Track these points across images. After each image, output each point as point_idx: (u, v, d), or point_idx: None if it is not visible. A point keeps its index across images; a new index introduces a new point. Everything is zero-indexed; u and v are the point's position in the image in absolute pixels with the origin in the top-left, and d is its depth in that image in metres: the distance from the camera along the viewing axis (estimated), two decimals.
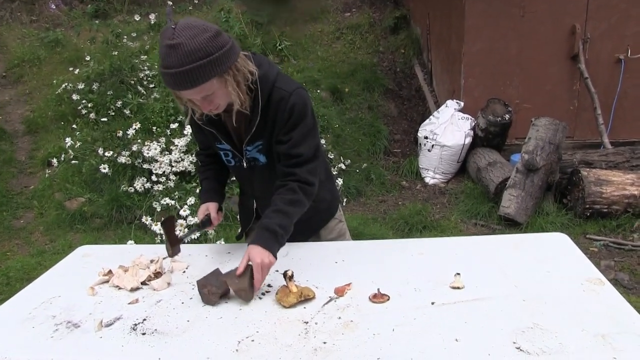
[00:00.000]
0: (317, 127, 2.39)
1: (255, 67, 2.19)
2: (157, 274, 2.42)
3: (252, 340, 1.90)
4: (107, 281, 2.42)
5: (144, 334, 1.99)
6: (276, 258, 2.22)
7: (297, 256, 2.49)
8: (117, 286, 2.37)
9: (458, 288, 2.16)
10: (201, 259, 2.61)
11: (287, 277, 2.17)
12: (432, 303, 2.07)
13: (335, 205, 2.82)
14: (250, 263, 2.15)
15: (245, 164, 2.45)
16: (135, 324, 2.06)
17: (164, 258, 2.55)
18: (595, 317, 1.90)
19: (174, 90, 2.05)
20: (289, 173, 2.33)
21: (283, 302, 2.11)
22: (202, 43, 1.96)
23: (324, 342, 1.87)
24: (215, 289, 2.16)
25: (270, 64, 2.32)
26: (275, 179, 2.39)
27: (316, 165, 2.39)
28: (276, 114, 2.26)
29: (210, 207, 2.55)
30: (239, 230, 2.86)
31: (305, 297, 2.12)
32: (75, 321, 2.11)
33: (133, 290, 2.33)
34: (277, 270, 2.34)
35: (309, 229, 2.70)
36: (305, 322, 2.00)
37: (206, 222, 2.54)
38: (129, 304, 2.22)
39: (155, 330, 2.01)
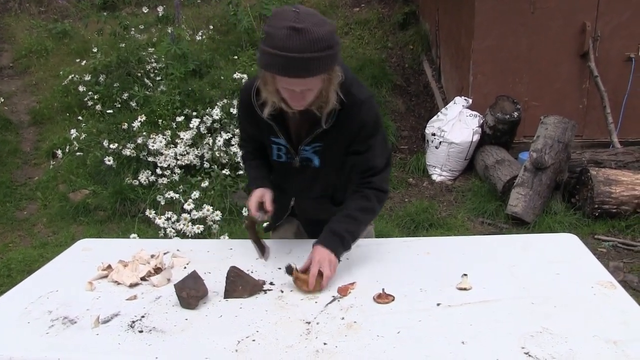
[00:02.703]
0: (385, 134, 2.38)
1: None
2: (157, 270, 2.37)
3: (253, 340, 1.86)
4: (106, 276, 2.38)
5: (141, 331, 1.95)
6: (339, 260, 2.24)
7: (300, 254, 2.43)
8: (116, 281, 2.32)
9: (465, 289, 2.11)
10: (202, 254, 2.57)
11: (294, 270, 2.18)
12: (438, 304, 2.02)
13: None
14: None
15: (297, 163, 2.37)
16: (133, 321, 2.02)
17: (164, 253, 2.51)
18: (607, 323, 1.85)
19: (283, 75, 1.94)
20: (364, 183, 2.34)
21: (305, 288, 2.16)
22: (324, 34, 1.89)
23: (325, 344, 1.82)
24: (194, 292, 2.10)
25: (345, 66, 2.19)
26: (322, 183, 2.42)
27: (389, 172, 2.42)
28: (345, 119, 2.18)
29: (267, 195, 2.40)
30: (266, 223, 2.77)
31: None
32: (71, 317, 2.06)
33: (132, 286, 2.29)
34: (280, 268, 2.31)
35: None
36: (307, 323, 1.95)
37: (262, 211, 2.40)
38: (127, 300, 2.18)
39: (154, 327, 1.97)
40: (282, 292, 2.18)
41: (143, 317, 2.04)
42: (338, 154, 2.32)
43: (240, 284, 2.16)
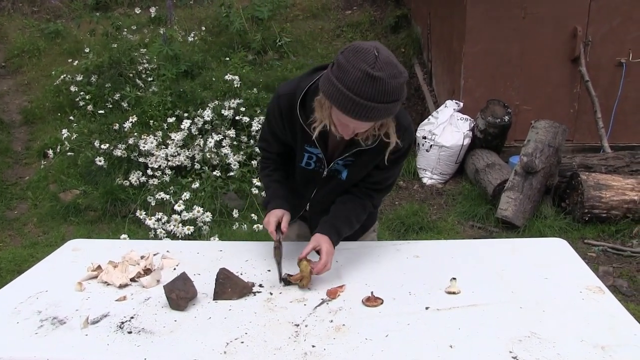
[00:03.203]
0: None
1: None
2: (147, 271, 2.37)
3: (241, 342, 1.86)
4: (96, 277, 2.37)
5: (130, 332, 1.95)
6: None
7: (289, 256, 2.44)
8: (106, 282, 2.32)
9: (454, 293, 2.12)
10: (192, 256, 2.56)
11: (289, 276, 2.24)
12: (427, 308, 2.03)
13: (376, 216, 2.83)
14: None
15: (325, 173, 2.37)
16: (122, 322, 2.01)
17: (154, 254, 2.51)
18: (594, 328, 1.86)
19: (343, 113, 1.92)
20: (367, 194, 2.43)
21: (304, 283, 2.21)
22: (397, 87, 1.88)
23: (314, 346, 1.82)
24: (183, 294, 2.10)
25: None
26: (341, 192, 2.44)
27: (388, 192, 2.59)
28: (385, 142, 2.16)
29: (285, 218, 2.39)
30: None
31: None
32: (61, 317, 2.06)
33: (122, 286, 2.28)
34: (269, 270, 2.31)
35: (351, 236, 2.61)
36: (295, 325, 1.95)
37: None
38: (116, 301, 2.17)
39: (142, 329, 1.97)
40: (271, 294, 2.18)
41: (132, 318, 2.04)
42: (365, 169, 2.35)
43: (229, 286, 2.16)
